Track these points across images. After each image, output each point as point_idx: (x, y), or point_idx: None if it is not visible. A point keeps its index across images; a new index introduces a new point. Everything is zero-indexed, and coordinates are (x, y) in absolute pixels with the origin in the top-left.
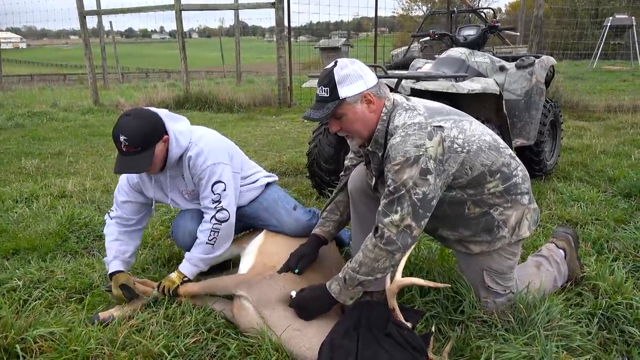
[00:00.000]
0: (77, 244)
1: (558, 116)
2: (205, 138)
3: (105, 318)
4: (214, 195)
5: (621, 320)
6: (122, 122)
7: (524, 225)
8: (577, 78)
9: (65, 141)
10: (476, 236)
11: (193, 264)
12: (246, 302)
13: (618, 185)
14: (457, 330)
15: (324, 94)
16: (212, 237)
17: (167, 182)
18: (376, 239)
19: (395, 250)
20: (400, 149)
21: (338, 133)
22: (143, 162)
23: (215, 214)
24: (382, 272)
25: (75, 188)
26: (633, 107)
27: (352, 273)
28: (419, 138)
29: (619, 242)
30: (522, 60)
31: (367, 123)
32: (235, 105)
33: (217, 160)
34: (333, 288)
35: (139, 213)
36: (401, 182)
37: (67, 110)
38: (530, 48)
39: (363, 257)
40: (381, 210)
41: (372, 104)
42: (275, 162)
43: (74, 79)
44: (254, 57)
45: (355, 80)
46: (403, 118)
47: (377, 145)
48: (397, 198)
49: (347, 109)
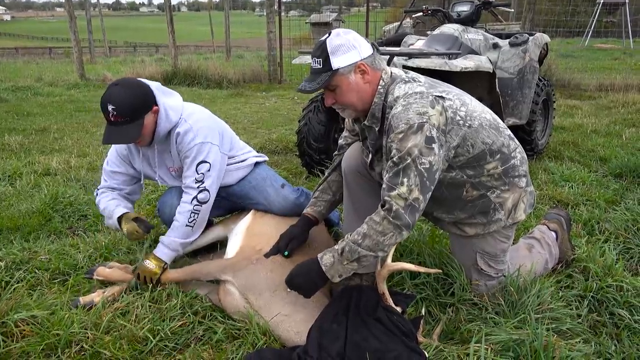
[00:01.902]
0: (62, 224)
1: (551, 95)
2: (196, 115)
3: (87, 303)
4: (198, 174)
5: (611, 303)
6: (111, 91)
7: (520, 208)
8: (569, 56)
9: (50, 117)
10: (472, 218)
11: (172, 249)
12: (232, 287)
13: (609, 165)
14: (448, 313)
15: (317, 66)
16: (192, 218)
17: (155, 157)
18: (384, 212)
19: (403, 225)
20: (402, 117)
21: (333, 106)
22: (132, 133)
23: (197, 194)
24: (384, 250)
25: (59, 165)
26: (624, 86)
27: (352, 245)
28: (422, 106)
29: (609, 223)
30: (515, 38)
31: (362, 94)
32: (224, 81)
33: (205, 139)
34: (325, 260)
35: (129, 184)
36: (406, 151)
37: (53, 85)
38: (524, 25)
39: (368, 230)
40: (386, 185)
41: (366, 75)
42: (264, 140)
43: (60, 52)
44: (244, 32)
45: (348, 51)
46: (403, 89)
47: (374, 119)
48: (403, 169)
49: (340, 80)
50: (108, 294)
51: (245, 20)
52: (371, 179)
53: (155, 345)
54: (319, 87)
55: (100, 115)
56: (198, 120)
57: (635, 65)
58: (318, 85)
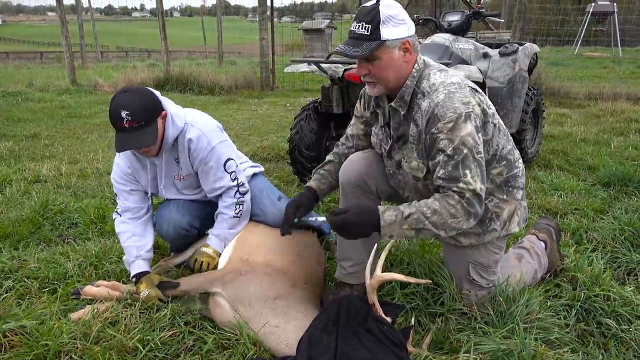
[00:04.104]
0: (52, 232)
1: (540, 104)
2: (201, 120)
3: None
4: (230, 173)
5: (598, 312)
6: (121, 98)
7: (514, 220)
8: (559, 64)
9: (40, 123)
10: None
11: (223, 238)
12: (221, 299)
13: (597, 174)
14: (437, 323)
15: (362, 31)
16: (238, 210)
17: (163, 167)
18: (459, 196)
19: (473, 214)
20: (448, 106)
21: (364, 78)
22: (148, 137)
23: (238, 188)
24: (446, 231)
25: (50, 172)
26: (613, 94)
27: (420, 215)
28: (464, 96)
29: (597, 232)
30: (505, 48)
31: (399, 73)
32: (216, 87)
33: (219, 140)
34: (387, 215)
35: (146, 201)
36: (460, 141)
37: (44, 90)
38: (514, 34)
39: (440, 207)
40: (446, 179)
41: (408, 54)
42: (256, 148)
43: (51, 57)
44: (237, 37)
45: (400, 24)
46: (440, 77)
47: (402, 102)
48: (462, 160)
49: (384, 52)
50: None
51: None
52: (370, 193)
53: (145, 355)
54: (364, 55)
55: (91, 121)
56: (205, 124)
57: (624, 74)
58: (363, 53)
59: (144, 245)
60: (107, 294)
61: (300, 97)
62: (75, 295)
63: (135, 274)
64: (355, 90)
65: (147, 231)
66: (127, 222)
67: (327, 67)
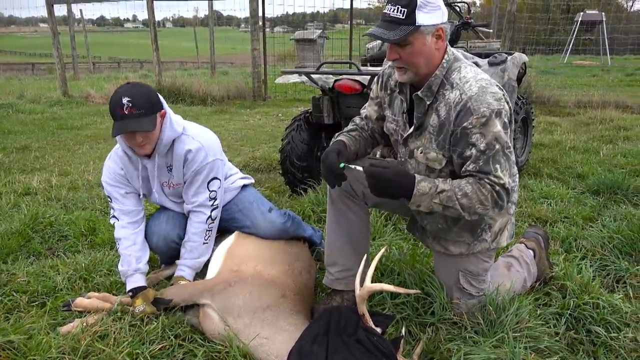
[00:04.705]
0: (41, 245)
1: (529, 113)
2: (204, 134)
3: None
4: (210, 192)
5: (588, 320)
6: (124, 88)
7: (504, 234)
8: (549, 72)
9: (31, 135)
10: (458, 236)
11: (195, 269)
12: (211, 310)
13: (587, 182)
14: (428, 333)
15: (397, 15)
16: (208, 236)
17: (155, 172)
18: (490, 186)
19: (501, 205)
20: (482, 101)
21: (394, 62)
22: (147, 123)
23: (210, 212)
24: (470, 214)
25: (40, 185)
26: (602, 102)
27: (452, 194)
28: (496, 92)
29: (586, 240)
30: (494, 57)
31: (430, 60)
32: (208, 98)
33: (216, 157)
34: (422, 185)
35: (141, 204)
36: (493, 137)
37: (35, 102)
38: (504, 43)
39: (472, 192)
40: (478, 171)
41: (440, 41)
42: (248, 158)
43: (43, 68)
44: (229, 48)
45: (435, 10)
46: (472, 71)
47: (429, 92)
48: (493, 155)
49: (417, 38)
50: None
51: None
52: (357, 197)
53: None
54: (398, 40)
55: (82, 133)
56: (207, 139)
57: (613, 82)
58: (397, 37)
59: (142, 256)
60: (98, 307)
61: (293, 107)
62: (66, 308)
63: (132, 288)
64: (345, 100)
65: (145, 242)
66: (127, 227)
67: (318, 77)
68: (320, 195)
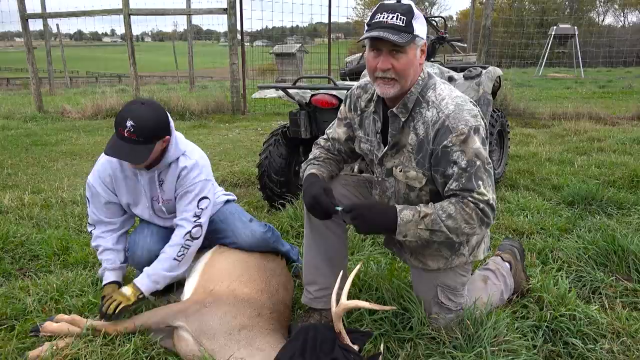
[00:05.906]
0: (12, 265)
1: (505, 126)
2: (197, 152)
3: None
4: (198, 209)
5: (565, 332)
6: (134, 108)
7: (481, 248)
8: (524, 85)
9: (4, 151)
10: (437, 251)
11: (153, 280)
12: (185, 332)
13: (562, 193)
14: (406, 349)
15: (397, 22)
16: (182, 253)
17: (147, 185)
18: (474, 204)
19: (487, 222)
20: (459, 118)
21: (384, 73)
22: (141, 154)
23: (191, 228)
24: (458, 235)
25: (12, 203)
26: (576, 114)
27: (436, 217)
28: (471, 109)
29: (562, 251)
30: (469, 71)
31: (415, 74)
32: (187, 112)
33: (208, 177)
34: (404, 215)
35: (118, 215)
36: (473, 154)
37: (9, 118)
38: (479, 57)
39: (456, 212)
40: (461, 190)
41: (423, 56)
42: (226, 173)
43: (18, 83)
44: (209, 62)
45: (424, 24)
46: (447, 89)
47: (404, 109)
48: (475, 172)
49: (412, 48)
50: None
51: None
52: (335, 216)
53: None
54: (405, 44)
55: (57, 149)
56: (201, 157)
57: (586, 94)
58: (404, 41)
59: (114, 259)
60: (68, 330)
61: (272, 121)
62: (34, 333)
63: (105, 284)
64: (322, 115)
65: (119, 246)
66: (102, 237)
67: (295, 92)
68: (299, 210)
